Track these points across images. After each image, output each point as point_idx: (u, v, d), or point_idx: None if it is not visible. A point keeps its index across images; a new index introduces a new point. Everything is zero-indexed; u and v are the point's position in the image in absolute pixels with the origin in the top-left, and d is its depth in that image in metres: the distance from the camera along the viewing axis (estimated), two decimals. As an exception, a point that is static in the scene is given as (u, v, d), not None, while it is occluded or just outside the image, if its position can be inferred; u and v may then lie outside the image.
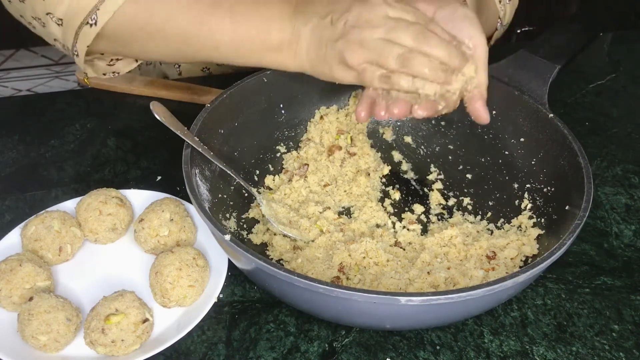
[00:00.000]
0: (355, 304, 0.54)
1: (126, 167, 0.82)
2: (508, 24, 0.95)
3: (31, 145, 0.86)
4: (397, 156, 0.84)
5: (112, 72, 0.93)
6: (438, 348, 0.62)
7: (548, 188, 0.71)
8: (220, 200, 0.70)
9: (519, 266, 0.67)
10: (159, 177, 0.81)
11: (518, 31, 1.83)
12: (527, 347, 0.62)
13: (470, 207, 0.77)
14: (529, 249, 0.68)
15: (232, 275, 0.68)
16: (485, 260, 0.67)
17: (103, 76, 0.93)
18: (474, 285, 0.55)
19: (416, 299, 0.52)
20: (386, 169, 0.81)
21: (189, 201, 0.67)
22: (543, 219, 0.70)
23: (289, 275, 0.54)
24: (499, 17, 0.91)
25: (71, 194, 0.77)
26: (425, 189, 0.80)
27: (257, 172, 0.79)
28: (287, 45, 0.70)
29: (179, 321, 0.63)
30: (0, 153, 0.84)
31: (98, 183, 0.78)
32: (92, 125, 0.89)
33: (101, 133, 0.88)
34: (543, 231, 0.69)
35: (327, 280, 0.65)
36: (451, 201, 0.78)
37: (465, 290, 0.53)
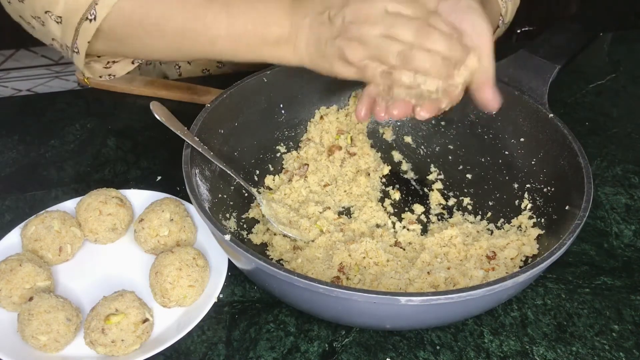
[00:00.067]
0: (355, 304, 0.54)
1: (126, 167, 0.82)
2: (509, 22, 0.95)
3: (31, 145, 0.86)
4: (397, 156, 0.84)
5: (109, 75, 0.93)
6: (438, 348, 0.62)
7: (548, 188, 0.71)
8: (220, 200, 0.70)
9: (519, 266, 0.67)
10: (159, 177, 0.81)
11: (518, 31, 1.83)
12: (527, 347, 0.62)
13: (470, 207, 0.77)
14: (529, 249, 0.68)
15: (232, 275, 0.68)
16: (485, 260, 0.67)
17: (99, 79, 0.93)
18: (474, 285, 0.55)
19: (416, 299, 0.52)
20: (386, 169, 0.81)
21: (189, 201, 0.67)
22: (543, 219, 0.70)
23: (289, 275, 0.54)
24: (501, 15, 0.91)
25: (71, 194, 0.77)
26: (425, 189, 0.80)
27: (257, 172, 0.79)
28: (286, 40, 0.69)
29: (179, 321, 0.63)
30: (0, 153, 0.84)
31: (98, 183, 0.78)
32: (92, 125, 0.89)
33: (101, 133, 0.88)
34: (543, 231, 0.69)
35: (327, 280, 0.65)
36: (451, 201, 0.78)
37: (465, 290, 0.53)
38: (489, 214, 0.75)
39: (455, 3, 0.64)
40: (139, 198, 0.74)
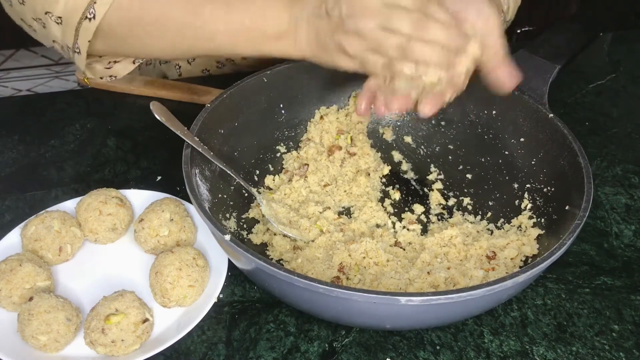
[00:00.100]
0: (355, 304, 0.54)
1: (126, 167, 0.82)
2: (511, 21, 0.95)
3: (31, 145, 0.86)
4: (397, 156, 0.84)
5: (110, 76, 0.93)
6: (438, 348, 0.62)
7: (548, 188, 0.71)
8: (220, 200, 0.70)
9: (519, 266, 0.67)
10: (159, 177, 0.81)
11: (518, 31, 1.83)
12: (527, 347, 0.62)
13: (470, 207, 0.77)
14: (529, 249, 0.68)
15: (232, 275, 0.68)
16: (485, 260, 0.67)
17: (100, 79, 0.93)
18: (474, 285, 0.55)
19: (416, 299, 0.52)
20: (386, 169, 0.81)
21: (189, 201, 0.67)
22: (543, 219, 0.70)
23: (289, 275, 0.54)
24: (503, 12, 0.91)
25: (71, 194, 0.77)
26: (425, 189, 0.80)
27: (257, 172, 0.79)
28: (286, 33, 0.69)
29: (179, 321, 0.63)
30: (0, 153, 0.84)
31: (98, 183, 0.78)
32: (92, 125, 0.89)
33: (101, 133, 0.88)
34: (543, 231, 0.69)
35: (327, 280, 0.65)
36: (451, 201, 0.78)
37: (465, 290, 0.53)
38: (489, 214, 0.75)
39: None
40: (139, 198, 0.74)
